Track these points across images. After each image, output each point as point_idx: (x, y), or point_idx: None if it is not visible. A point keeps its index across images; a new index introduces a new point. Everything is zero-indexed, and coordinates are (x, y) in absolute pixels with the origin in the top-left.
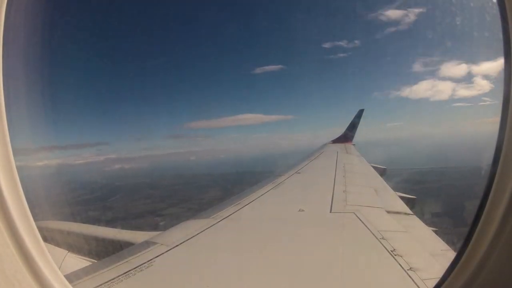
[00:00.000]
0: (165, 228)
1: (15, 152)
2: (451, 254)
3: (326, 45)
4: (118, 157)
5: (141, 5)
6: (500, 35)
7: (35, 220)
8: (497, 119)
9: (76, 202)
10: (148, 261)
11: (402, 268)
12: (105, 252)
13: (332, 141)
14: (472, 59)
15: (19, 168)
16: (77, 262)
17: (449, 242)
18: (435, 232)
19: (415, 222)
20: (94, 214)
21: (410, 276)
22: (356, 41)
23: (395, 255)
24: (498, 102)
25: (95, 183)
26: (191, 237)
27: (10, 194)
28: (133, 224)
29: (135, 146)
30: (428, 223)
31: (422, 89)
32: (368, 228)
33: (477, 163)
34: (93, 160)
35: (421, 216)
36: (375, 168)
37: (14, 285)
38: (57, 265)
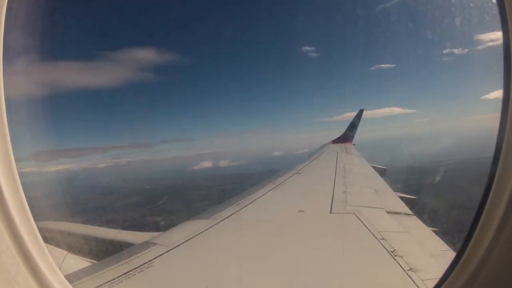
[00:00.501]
0: (165, 228)
1: (34, 154)
2: (451, 254)
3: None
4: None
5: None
6: (500, 36)
7: (35, 220)
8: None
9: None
10: (148, 261)
11: (402, 268)
12: (105, 252)
13: (332, 141)
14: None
15: (25, 170)
16: (77, 262)
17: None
18: (435, 232)
19: (415, 223)
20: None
21: (410, 277)
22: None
23: (395, 255)
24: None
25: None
26: (191, 238)
27: (10, 194)
28: None
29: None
30: (428, 223)
31: None
32: (368, 229)
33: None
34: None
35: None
36: (375, 168)
37: (14, 286)
38: (57, 266)
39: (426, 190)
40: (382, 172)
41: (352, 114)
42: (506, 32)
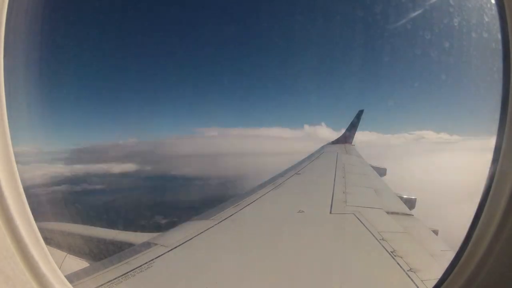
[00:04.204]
0: (165, 228)
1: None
2: (451, 255)
3: None
4: None
5: None
6: (499, 35)
7: (35, 221)
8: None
9: None
10: (148, 262)
11: (402, 269)
12: (105, 253)
13: (332, 142)
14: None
15: (21, 168)
16: (77, 263)
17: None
18: (435, 232)
19: (415, 223)
20: None
21: (410, 277)
22: None
23: (395, 256)
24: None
25: None
26: (191, 238)
27: (10, 194)
28: None
29: None
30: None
31: None
32: (368, 229)
33: None
34: None
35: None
36: (375, 168)
37: (14, 285)
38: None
39: None
40: (381, 172)
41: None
42: (505, 32)
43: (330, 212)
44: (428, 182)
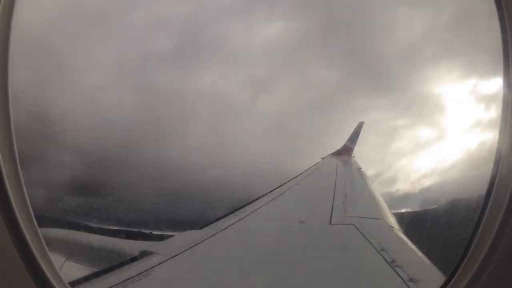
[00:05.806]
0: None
1: None
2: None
3: None
4: None
5: None
6: (499, 35)
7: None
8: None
9: None
10: (147, 270)
11: (402, 279)
12: (103, 261)
13: (332, 153)
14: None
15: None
16: (75, 270)
17: None
18: None
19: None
20: None
21: (409, 287)
22: None
23: (394, 266)
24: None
25: None
26: (190, 247)
27: (15, 199)
28: None
29: None
30: None
31: None
32: (368, 240)
33: None
34: None
35: None
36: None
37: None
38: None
39: None
40: None
41: None
42: (504, 32)
43: (330, 223)
44: None
